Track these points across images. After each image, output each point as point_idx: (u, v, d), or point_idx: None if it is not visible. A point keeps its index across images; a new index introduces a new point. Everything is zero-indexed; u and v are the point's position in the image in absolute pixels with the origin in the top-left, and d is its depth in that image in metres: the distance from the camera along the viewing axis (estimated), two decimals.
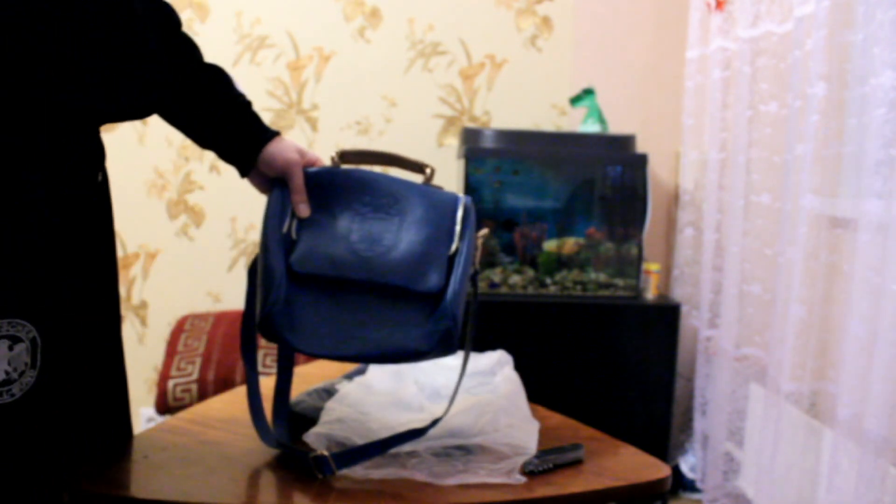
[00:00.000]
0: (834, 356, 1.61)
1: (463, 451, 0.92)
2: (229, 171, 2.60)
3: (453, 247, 0.91)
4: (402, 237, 0.90)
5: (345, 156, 0.98)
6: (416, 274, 0.88)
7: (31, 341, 0.68)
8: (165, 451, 0.91)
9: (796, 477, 1.69)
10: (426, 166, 0.98)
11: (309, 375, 1.23)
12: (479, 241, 0.95)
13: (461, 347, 0.93)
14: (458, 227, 0.93)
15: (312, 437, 0.90)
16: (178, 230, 2.47)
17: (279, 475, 0.87)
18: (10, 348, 0.67)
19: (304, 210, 0.92)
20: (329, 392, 1.07)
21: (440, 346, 0.88)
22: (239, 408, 1.07)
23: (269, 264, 0.88)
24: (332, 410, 0.97)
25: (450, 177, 2.44)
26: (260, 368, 1.72)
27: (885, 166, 1.39)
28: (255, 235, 2.47)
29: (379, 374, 1.14)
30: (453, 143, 2.48)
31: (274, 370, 2.15)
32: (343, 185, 0.94)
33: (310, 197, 0.93)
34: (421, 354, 0.87)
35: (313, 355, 0.87)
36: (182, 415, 1.05)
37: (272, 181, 0.96)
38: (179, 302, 2.47)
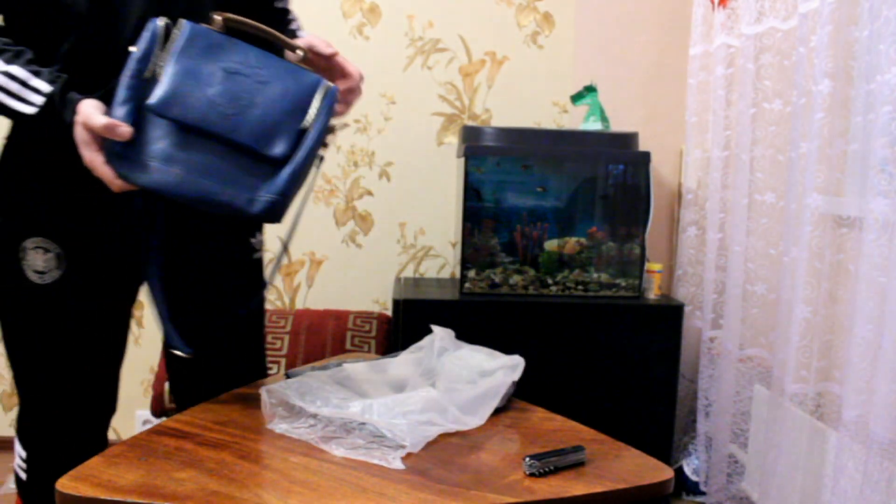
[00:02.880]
0: (839, 357, 1.60)
1: (378, 433, 0.96)
2: None
3: (305, 121, 0.98)
4: (258, 101, 0.97)
5: (227, 20, 1.03)
6: (265, 136, 0.96)
7: (57, 255, 1.11)
8: (161, 454, 0.90)
9: (801, 479, 1.68)
10: (298, 48, 1.05)
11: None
12: (335, 132, 1.04)
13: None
14: (314, 106, 0.99)
15: (264, 388, 1.02)
16: None
17: (277, 479, 0.86)
18: (44, 253, 1.11)
19: None
20: (336, 366, 1.16)
21: (263, 215, 0.96)
22: (236, 410, 1.06)
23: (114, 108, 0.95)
24: (301, 375, 1.08)
25: (450, 175, 2.43)
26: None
27: (891, 164, 1.38)
28: None
29: (403, 360, 1.19)
30: (453, 141, 2.46)
31: (274, 371, 2.14)
32: (220, 43, 0.99)
33: (186, 47, 0.99)
34: (241, 214, 0.96)
35: (136, 183, 0.94)
36: (178, 417, 1.04)
37: None
38: None
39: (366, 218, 2.49)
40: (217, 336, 1.23)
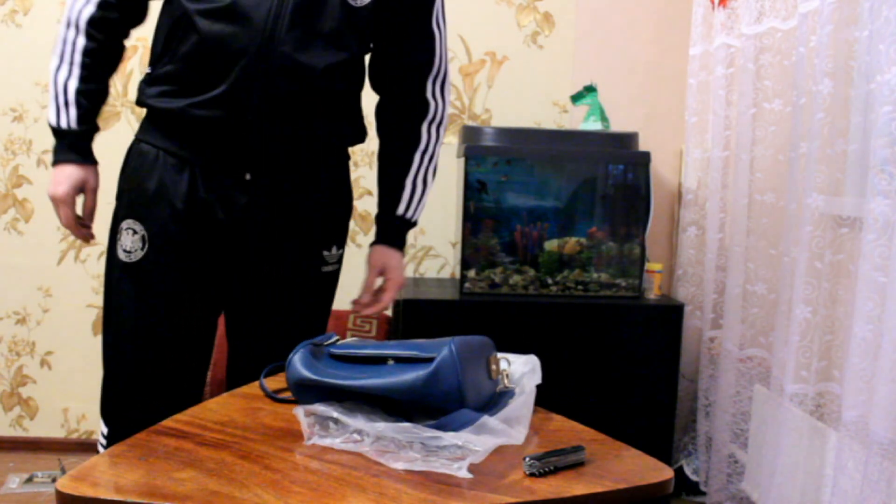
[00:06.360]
0: (839, 357, 1.60)
1: (434, 444, 0.93)
2: None
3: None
4: None
5: None
6: None
7: (142, 237, 1.24)
8: (162, 454, 0.90)
9: (801, 479, 1.68)
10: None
11: None
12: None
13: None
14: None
15: (301, 409, 0.99)
16: None
17: (277, 479, 0.86)
18: (133, 234, 1.24)
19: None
20: None
21: None
22: (236, 410, 1.06)
23: None
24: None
25: (450, 175, 2.42)
26: None
27: (891, 164, 1.38)
28: None
29: None
30: (453, 141, 2.46)
31: None
32: None
33: None
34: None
35: None
36: (179, 417, 1.04)
37: None
38: None
39: (366, 217, 2.49)
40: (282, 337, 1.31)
